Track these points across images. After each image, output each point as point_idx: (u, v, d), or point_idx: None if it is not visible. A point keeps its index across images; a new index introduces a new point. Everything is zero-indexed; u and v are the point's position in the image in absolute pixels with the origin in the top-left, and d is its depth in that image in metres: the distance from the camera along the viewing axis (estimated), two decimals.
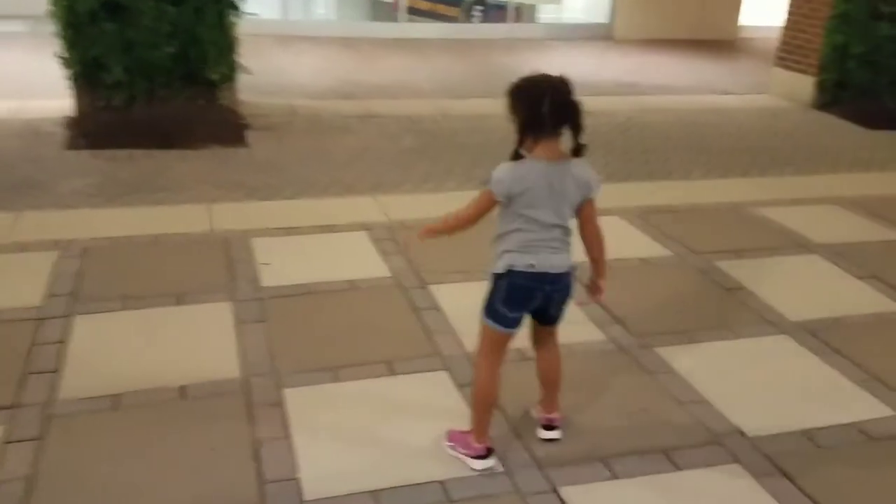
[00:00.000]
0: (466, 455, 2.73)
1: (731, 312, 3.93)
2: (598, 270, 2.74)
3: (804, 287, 4.27)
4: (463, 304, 3.66)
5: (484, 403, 2.70)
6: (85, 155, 5.81)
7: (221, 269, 4.11)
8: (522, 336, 2.76)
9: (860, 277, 4.38)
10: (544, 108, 2.40)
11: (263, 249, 4.34)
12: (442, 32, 11.64)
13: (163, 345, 3.41)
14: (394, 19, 11.77)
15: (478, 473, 2.69)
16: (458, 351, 3.43)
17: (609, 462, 2.80)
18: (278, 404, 3.03)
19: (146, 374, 3.18)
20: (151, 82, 6.38)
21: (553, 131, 2.46)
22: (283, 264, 4.18)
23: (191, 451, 2.76)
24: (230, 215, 4.81)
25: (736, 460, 2.85)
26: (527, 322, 2.74)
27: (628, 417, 3.06)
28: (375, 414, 3.01)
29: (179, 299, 3.78)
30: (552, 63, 10.07)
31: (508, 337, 2.66)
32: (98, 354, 3.32)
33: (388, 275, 4.13)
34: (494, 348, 2.66)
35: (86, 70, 6.29)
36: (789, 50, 8.64)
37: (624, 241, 4.70)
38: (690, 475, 2.77)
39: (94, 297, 3.76)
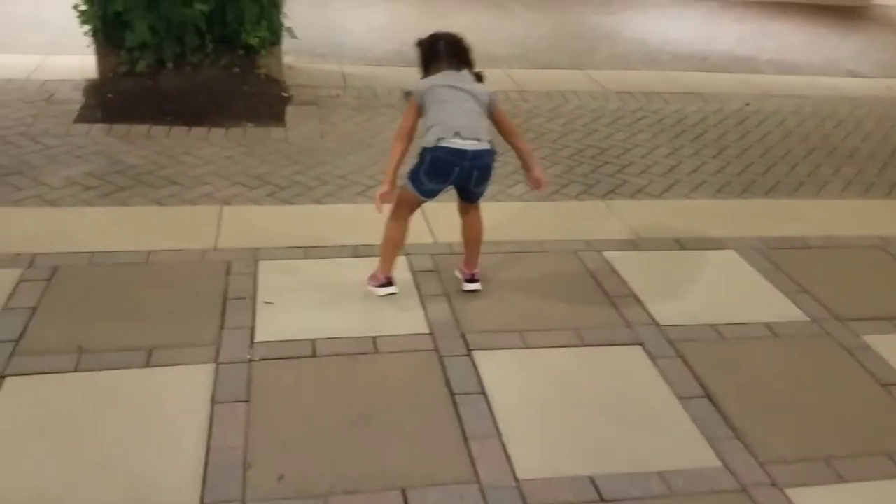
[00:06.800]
0: (375, 287, 3.29)
1: (888, 430, 2.81)
2: (525, 160, 3.29)
3: None
4: (514, 385, 2.74)
5: (392, 248, 3.27)
6: (96, 131, 4.98)
7: (214, 308, 3.21)
8: None
9: None
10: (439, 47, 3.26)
11: (271, 279, 3.42)
12: None
13: (109, 438, 2.54)
14: None
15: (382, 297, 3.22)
16: (501, 473, 2.45)
17: None
18: None
19: (75, 489, 2.33)
20: (181, 46, 5.49)
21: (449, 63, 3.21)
22: (288, 305, 3.25)
23: None
24: (242, 224, 3.90)
25: None
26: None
27: None
28: None
29: (150, 357, 2.90)
30: (654, 28, 8.72)
31: (421, 202, 3.17)
32: (13, 451, 2.48)
33: (426, 331, 3.15)
34: (405, 209, 3.19)
35: (106, 27, 5.44)
36: None
37: (743, 292, 3.58)
38: None
39: (41, 349, 2.91)
